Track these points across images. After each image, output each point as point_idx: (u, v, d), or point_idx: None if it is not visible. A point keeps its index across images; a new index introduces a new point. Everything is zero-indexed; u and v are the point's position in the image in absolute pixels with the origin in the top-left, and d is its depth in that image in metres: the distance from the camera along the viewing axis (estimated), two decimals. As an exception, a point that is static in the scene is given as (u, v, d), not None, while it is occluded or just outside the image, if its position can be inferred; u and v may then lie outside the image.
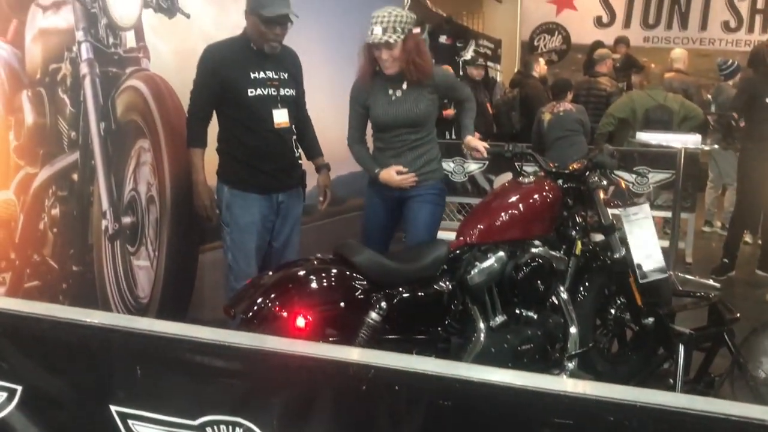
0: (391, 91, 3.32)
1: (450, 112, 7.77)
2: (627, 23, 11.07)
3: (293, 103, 3.34)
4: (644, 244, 3.23)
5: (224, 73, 3.16)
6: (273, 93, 3.23)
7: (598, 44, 8.56)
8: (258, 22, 3.11)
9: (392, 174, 3.33)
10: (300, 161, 3.47)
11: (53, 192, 2.94)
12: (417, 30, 3.33)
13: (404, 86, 3.30)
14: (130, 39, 3.29)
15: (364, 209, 3.64)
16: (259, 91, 3.19)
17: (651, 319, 3.32)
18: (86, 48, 3.03)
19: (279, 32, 3.17)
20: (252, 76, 3.18)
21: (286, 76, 3.29)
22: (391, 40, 3.15)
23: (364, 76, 3.34)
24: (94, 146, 3.11)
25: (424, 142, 3.41)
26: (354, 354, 1.41)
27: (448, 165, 6.74)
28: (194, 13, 3.65)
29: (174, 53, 3.54)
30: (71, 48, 2.98)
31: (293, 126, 3.36)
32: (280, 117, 3.25)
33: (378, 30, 3.12)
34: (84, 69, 3.03)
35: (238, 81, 3.16)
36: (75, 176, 3.03)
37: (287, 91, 3.29)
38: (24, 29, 2.78)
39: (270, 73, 3.23)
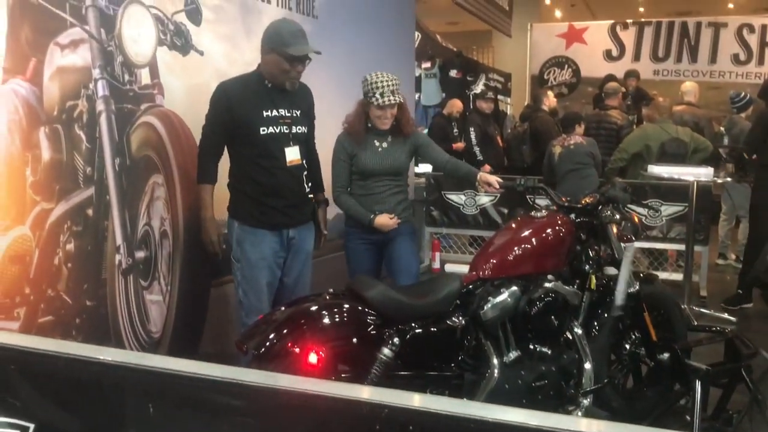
0: (377, 143, 3.68)
1: (460, 145, 7.83)
2: (636, 56, 11.16)
3: (305, 141, 3.38)
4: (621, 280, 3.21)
5: (237, 110, 3.19)
6: (285, 131, 3.26)
7: (610, 78, 8.61)
8: (281, 60, 3.15)
9: (386, 219, 3.62)
10: (310, 196, 3.48)
11: (68, 227, 2.96)
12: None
13: (389, 139, 3.69)
14: (145, 76, 3.34)
15: (348, 257, 3.81)
16: (271, 129, 3.22)
17: (666, 355, 3.29)
18: (102, 85, 3.08)
19: (301, 69, 3.22)
20: (265, 114, 3.21)
21: (298, 113, 3.33)
22: (400, 101, 3.59)
23: (358, 131, 3.64)
24: (109, 181, 3.14)
25: (402, 189, 3.80)
26: (367, 393, 1.40)
27: (459, 198, 6.76)
28: (207, 51, 3.70)
29: (188, 89, 3.59)
30: (88, 85, 3.02)
31: (304, 162, 3.38)
32: (292, 154, 3.28)
33: (389, 93, 3.51)
34: (100, 106, 3.08)
35: (251, 119, 3.19)
36: (90, 211, 3.06)
37: (299, 129, 3.32)
38: (42, 68, 2.82)
39: (283, 111, 3.26)
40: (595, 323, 3.32)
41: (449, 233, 7.10)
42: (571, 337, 3.13)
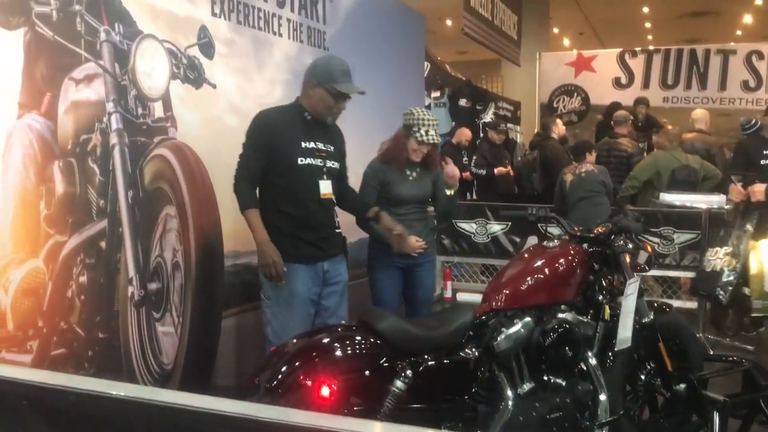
0: (408, 172, 3.90)
1: (467, 174, 7.86)
2: (646, 84, 11.18)
3: (336, 177, 3.40)
4: (626, 317, 3.12)
5: (277, 138, 3.21)
6: (320, 164, 3.29)
7: (615, 106, 8.63)
8: (328, 96, 3.21)
9: (413, 241, 3.68)
10: (338, 229, 3.48)
11: (81, 260, 2.97)
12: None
13: (418, 169, 3.92)
14: (158, 109, 3.37)
15: (375, 280, 3.87)
16: (308, 161, 3.24)
17: (683, 385, 3.24)
18: (116, 119, 3.11)
19: (344, 106, 3.31)
20: (303, 144, 3.24)
21: (332, 149, 3.36)
22: (439, 140, 3.95)
23: (399, 160, 3.84)
24: (122, 214, 3.16)
25: (426, 216, 4.05)
26: (379, 429, 1.39)
27: (471, 226, 6.74)
28: (220, 84, 3.74)
29: (200, 122, 3.62)
30: (101, 119, 3.06)
31: (334, 198, 3.39)
32: (326, 188, 3.30)
33: (432, 132, 3.77)
34: (113, 139, 3.11)
35: (290, 149, 3.21)
36: (103, 244, 3.07)
37: (332, 164, 3.35)
38: (57, 102, 2.86)
39: (319, 144, 3.30)
40: (610, 354, 3.27)
41: (461, 262, 7.07)
42: (585, 368, 3.10)
